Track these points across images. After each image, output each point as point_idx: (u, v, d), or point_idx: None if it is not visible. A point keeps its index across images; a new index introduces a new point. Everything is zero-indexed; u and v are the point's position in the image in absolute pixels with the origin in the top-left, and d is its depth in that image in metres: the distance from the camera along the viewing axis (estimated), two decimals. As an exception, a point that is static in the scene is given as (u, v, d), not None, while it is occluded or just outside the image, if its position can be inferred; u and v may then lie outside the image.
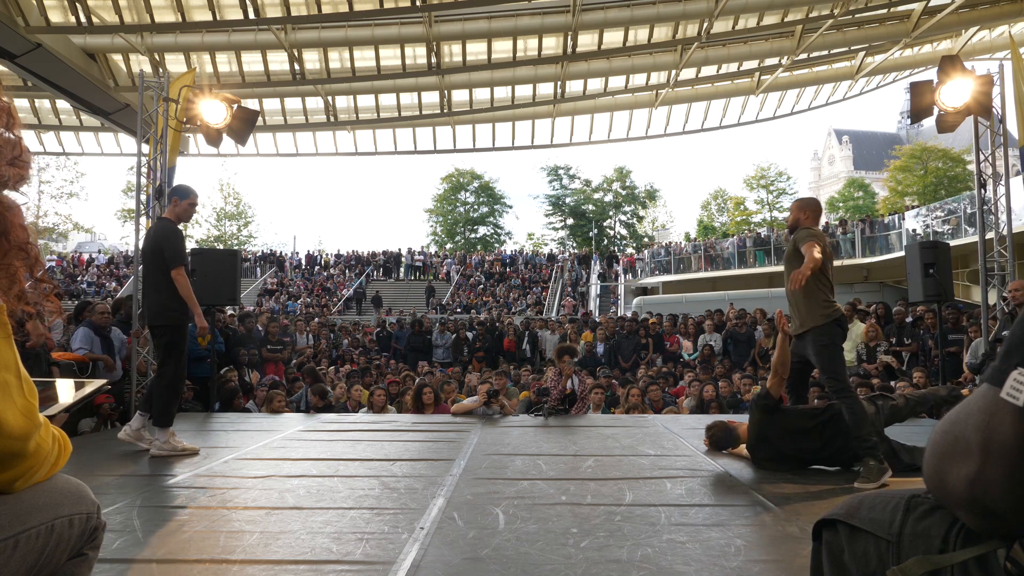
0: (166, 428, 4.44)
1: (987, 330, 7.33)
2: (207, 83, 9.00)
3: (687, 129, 19.29)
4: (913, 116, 7.48)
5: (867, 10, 13.46)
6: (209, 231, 39.28)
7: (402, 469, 4.00)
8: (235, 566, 2.38)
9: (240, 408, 7.20)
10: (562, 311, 22.74)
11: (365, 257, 30.44)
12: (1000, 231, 7.84)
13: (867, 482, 3.55)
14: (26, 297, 1.13)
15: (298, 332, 11.89)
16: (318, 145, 18.81)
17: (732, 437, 4.28)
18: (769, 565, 2.39)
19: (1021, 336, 0.79)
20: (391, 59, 14.10)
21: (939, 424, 0.88)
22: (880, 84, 19.16)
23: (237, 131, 7.30)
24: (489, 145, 19.09)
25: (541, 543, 2.61)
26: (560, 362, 6.62)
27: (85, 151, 18.62)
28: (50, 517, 1.17)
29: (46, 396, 1.35)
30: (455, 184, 43.41)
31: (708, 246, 27.47)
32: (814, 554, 1.13)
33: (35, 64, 11.73)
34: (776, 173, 40.48)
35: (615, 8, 12.88)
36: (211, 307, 7.37)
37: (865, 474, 3.61)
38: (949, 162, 34.19)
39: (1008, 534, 0.83)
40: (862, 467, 3.66)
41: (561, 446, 4.77)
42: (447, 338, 12.65)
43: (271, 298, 25.67)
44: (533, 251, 36.98)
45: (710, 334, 11.10)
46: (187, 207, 4.58)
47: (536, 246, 42.98)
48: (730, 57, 15.33)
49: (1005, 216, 7.80)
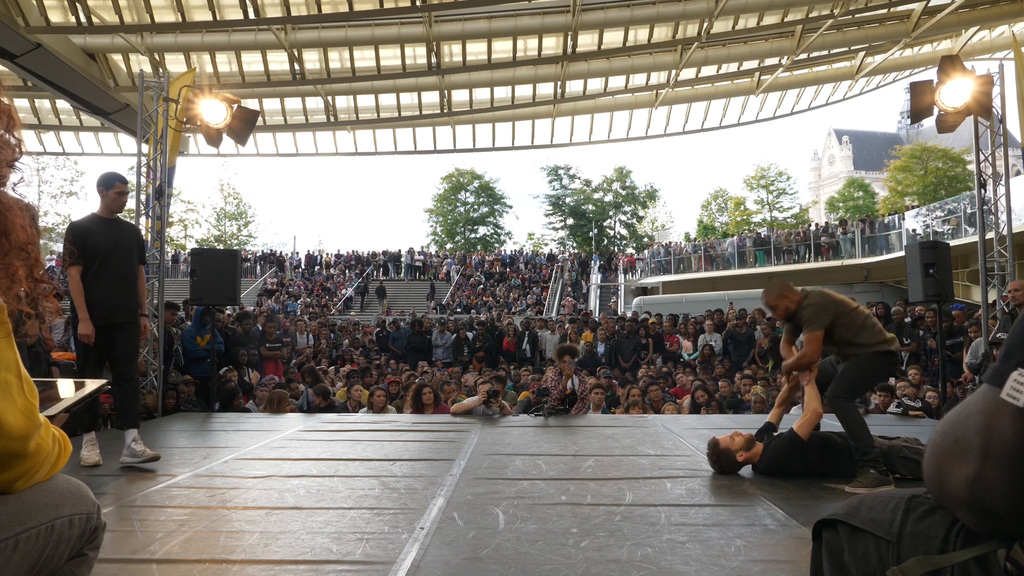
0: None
1: (987, 330, 7.34)
2: (207, 83, 8.99)
3: (687, 129, 19.30)
4: (913, 116, 7.48)
5: (867, 10, 13.46)
6: (209, 231, 39.33)
7: (402, 469, 4.00)
8: (235, 566, 2.38)
9: (240, 408, 7.20)
10: (562, 311, 22.74)
11: (365, 257, 30.45)
12: (1000, 231, 7.84)
13: (859, 487, 3.45)
14: (26, 297, 1.13)
15: (298, 332, 11.89)
16: (318, 145, 18.83)
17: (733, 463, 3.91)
18: (769, 565, 2.39)
19: (1021, 336, 0.79)
20: (391, 59, 14.11)
21: (939, 424, 0.88)
22: (880, 84, 19.16)
23: (237, 131, 7.31)
24: (489, 145, 19.10)
25: (541, 543, 2.61)
26: (560, 362, 6.62)
27: (85, 151, 18.62)
28: (50, 517, 1.17)
29: (46, 396, 1.35)
30: (455, 184, 43.41)
31: (708, 246, 27.47)
32: (814, 554, 1.13)
33: (35, 64, 11.73)
34: (776, 173, 40.51)
35: (615, 8, 12.88)
36: (211, 307, 7.39)
37: (860, 479, 3.50)
38: (949, 162, 34.18)
39: (1008, 534, 0.83)
40: (859, 474, 3.54)
41: (561, 446, 4.77)
42: (447, 338, 12.65)
43: (271, 298, 25.68)
44: (533, 251, 36.98)
45: (710, 334, 11.11)
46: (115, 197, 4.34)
47: (536, 246, 42.98)
48: (730, 57, 15.33)
49: (1005, 216, 7.80)
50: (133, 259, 4.43)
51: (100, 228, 4.25)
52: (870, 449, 3.57)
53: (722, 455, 3.83)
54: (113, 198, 4.31)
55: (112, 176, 4.36)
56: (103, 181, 4.31)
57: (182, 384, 7.15)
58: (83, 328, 4.11)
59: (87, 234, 4.19)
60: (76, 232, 4.17)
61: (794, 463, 3.79)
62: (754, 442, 3.85)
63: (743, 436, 3.85)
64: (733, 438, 3.84)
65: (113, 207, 4.35)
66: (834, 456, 3.80)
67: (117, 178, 4.34)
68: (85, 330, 4.11)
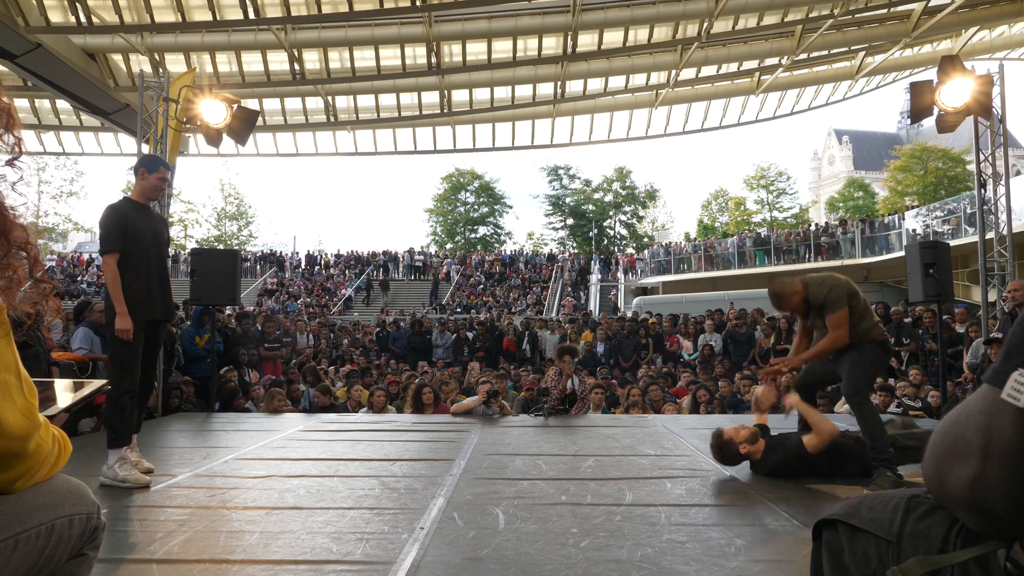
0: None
1: (987, 330, 7.34)
2: (207, 83, 8.99)
3: (687, 129, 19.29)
4: (913, 116, 7.48)
5: (867, 10, 13.46)
6: (209, 231, 39.31)
7: (402, 469, 4.00)
8: (235, 566, 2.38)
9: (240, 408, 7.20)
10: (562, 311, 22.74)
11: (365, 257, 30.46)
12: (1000, 231, 7.84)
13: (878, 489, 3.41)
14: (26, 297, 1.12)
15: (298, 332, 11.89)
16: (318, 145, 18.82)
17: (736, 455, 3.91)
18: (769, 565, 2.39)
19: (1021, 337, 0.79)
20: (391, 59, 14.11)
21: (939, 425, 0.88)
22: (880, 84, 19.15)
23: (237, 131, 7.31)
24: (489, 145, 19.10)
25: (541, 543, 2.61)
26: (560, 362, 6.61)
27: (85, 151, 18.62)
28: (50, 517, 1.17)
29: (46, 396, 1.35)
30: (455, 184, 43.39)
31: (708, 246, 27.47)
32: (814, 554, 1.13)
33: (35, 64, 11.73)
34: (776, 173, 40.46)
35: (615, 8, 12.88)
36: (211, 307, 7.38)
37: (878, 481, 3.46)
38: (949, 162, 34.15)
39: (1008, 534, 0.83)
40: (875, 475, 3.50)
41: (561, 446, 4.77)
42: (447, 338, 12.65)
43: (271, 298, 25.68)
44: (533, 251, 36.97)
45: (710, 334, 11.11)
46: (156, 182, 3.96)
47: (536, 246, 42.96)
48: (730, 57, 15.33)
49: (1005, 216, 7.80)
50: (166, 251, 4.12)
51: (137, 214, 3.87)
52: (886, 449, 3.53)
53: (725, 445, 3.84)
54: (154, 183, 3.93)
55: (158, 160, 4.05)
56: (147, 163, 3.98)
57: (182, 384, 7.15)
58: (122, 323, 3.66)
59: (128, 219, 3.80)
60: (118, 215, 3.78)
61: (800, 468, 3.77)
62: (759, 437, 3.86)
63: (749, 429, 3.88)
64: (739, 430, 3.87)
65: (150, 194, 3.97)
66: (842, 458, 3.78)
67: (162, 163, 4.03)
68: (124, 324, 3.66)
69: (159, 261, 3.98)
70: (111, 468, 3.61)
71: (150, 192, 3.96)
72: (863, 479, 3.63)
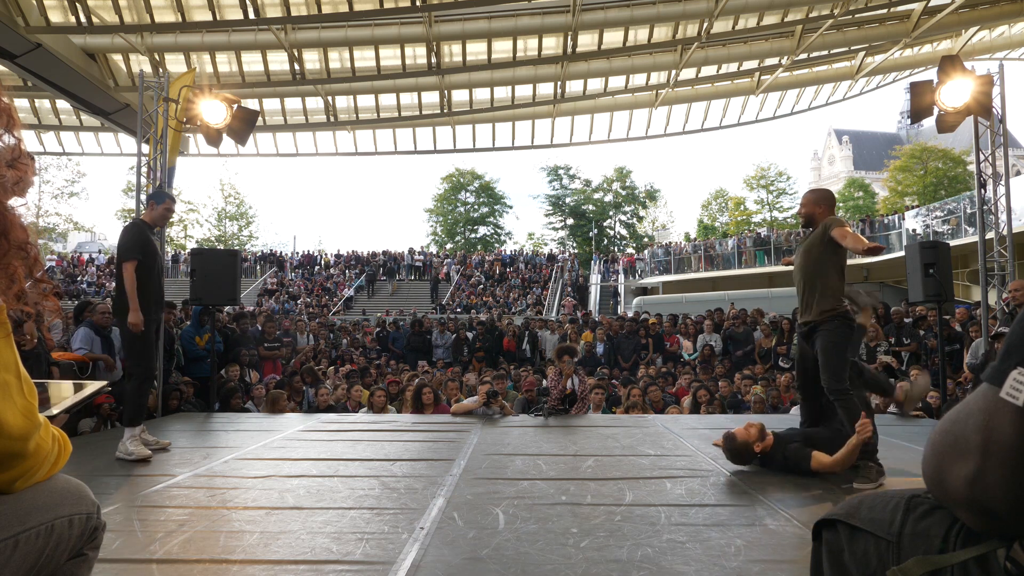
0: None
1: (987, 330, 7.33)
2: (207, 83, 8.99)
3: (687, 129, 19.27)
4: (913, 116, 7.47)
5: (867, 10, 13.45)
6: (209, 231, 39.31)
7: (402, 469, 4.00)
8: (235, 566, 2.38)
9: (240, 408, 7.20)
10: (562, 311, 22.73)
11: (365, 257, 30.46)
12: (1000, 231, 7.84)
13: (866, 482, 3.55)
14: (25, 297, 1.12)
15: (298, 332, 11.88)
16: (318, 145, 18.81)
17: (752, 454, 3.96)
18: (769, 565, 2.39)
19: (1021, 336, 0.79)
20: (391, 59, 14.10)
21: (939, 424, 0.88)
22: (880, 84, 19.14)
23: (237, 131, 7.31)
24: (489, 145, 19.08)
25: (541, 543, 2.61)
26: (560, 362, 6.61)
27: (85, 151, 18.60)
28: (50, 517, 1.17)
29: (46, 396, 1.35)
30: (455, 184, 43.40)
31: (708, 246, 27.47)
32: (814, 554, 1.13)
33: (35, 64, 11.73)
34: (776, 173, 40.48)
35: (615, 8, 12.88)
36: (211, 307, 7.38)
37: (864, 474, 3.60)
38: (949, 162, 34.17)
39: (1008, 534, 0.83)
40: (861, 467, 3.64)
41: (561, 446, 4.77)
42: (447, 338, 12.64)
43: (271, 298, 25.68)
44: (533, 251, 36.96)
45: (710, 334, 11.10)
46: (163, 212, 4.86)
47: (536, 246, 42.96)
48: (730, 57, 15.33)
49: (1005, 216, 7.80)
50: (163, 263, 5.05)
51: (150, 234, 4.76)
52: (868, 442, 3.61)
53: (741, 448, 3.91)
54: (161, 212, 4.83)
55: (164, 193, 5.10)
56: (155, 196, 4.95)
57: (181, 385, 7.14)
58: (133, 317, 4.42)
59: (148, 237, 4.69)
60: (139, 231, 4.64)
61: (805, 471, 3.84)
62: (766, 432, 3.95)
63: (756, 426, 3.95)
64: (748, 430, 3.93)
65: (159, 221, 4.87)
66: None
67: (169, 196, 5.02)
68: (136, 319, 4.43)
69: (160, 273, 4.87)
70: (124, 443, 4.29)
71: (158, 219, 4.86)
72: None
